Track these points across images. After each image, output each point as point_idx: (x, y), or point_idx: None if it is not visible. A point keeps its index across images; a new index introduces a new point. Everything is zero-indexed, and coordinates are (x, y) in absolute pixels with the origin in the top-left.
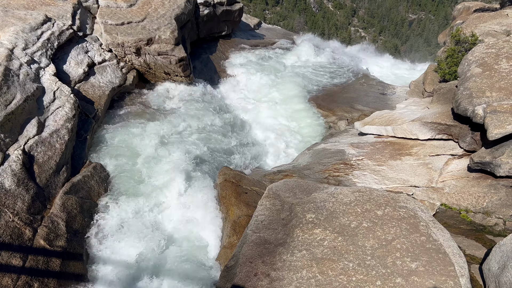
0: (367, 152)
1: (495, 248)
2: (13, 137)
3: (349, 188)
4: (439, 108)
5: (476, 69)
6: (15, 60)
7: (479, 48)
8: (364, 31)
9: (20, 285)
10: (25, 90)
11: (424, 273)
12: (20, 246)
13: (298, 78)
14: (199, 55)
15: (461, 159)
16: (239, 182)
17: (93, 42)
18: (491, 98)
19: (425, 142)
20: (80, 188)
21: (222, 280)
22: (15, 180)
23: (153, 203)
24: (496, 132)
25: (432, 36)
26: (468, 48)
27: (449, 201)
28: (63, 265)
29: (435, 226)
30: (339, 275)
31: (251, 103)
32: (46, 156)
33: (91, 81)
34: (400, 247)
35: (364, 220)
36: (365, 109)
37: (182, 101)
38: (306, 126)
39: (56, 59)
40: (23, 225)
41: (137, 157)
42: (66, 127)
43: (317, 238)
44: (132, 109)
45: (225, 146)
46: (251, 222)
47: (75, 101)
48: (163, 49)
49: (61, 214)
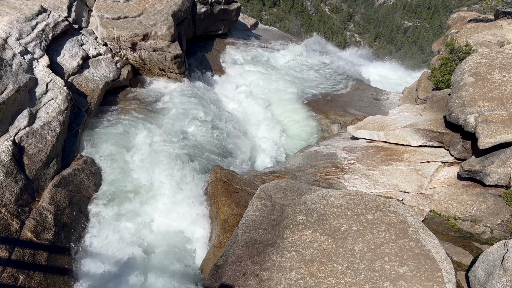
0: (358, 156)
1: (482, 256)
2: (3, 127)
3: (340, 191)
4: (432, 116)
5: (469, 78)
6: (8, 50)
7: (473, 57)
8: (359, 36)
9: (5, 277)
10: (17, 80)
11: (412, 278)
12: (6, 238)
13: (293, 79)
14: (194, 53)
15: (451, 167)
16: (231, 181)
17: (88, 35)
18: (483, 108)
19: (417, 148)
20: (70, 182)
21: (210, 279)
22: (4, 171)
23: (143, 200)
24: (487, 141)
25: (427, 44)
26: (462, 57)
27: (438, 207)
28: (50, 259)
29: (424, 232)
30: (327, 277)
31: (245, 102)
32: (36, 148)
33: (85, 74)
34: (389, 252)
35: (354, 224)
36: (358, 113)
37: (176, 98)
38: (298, 128)
39: (50, 51)
40: (10, 216)
41: (129, 152)
42: (58, 119)
43: (307, 239)
44: (125, 104)
45: (217, 144)
46: (241, 221)
47: (68, 94)
48: (159, 45)
49: (50, 207)
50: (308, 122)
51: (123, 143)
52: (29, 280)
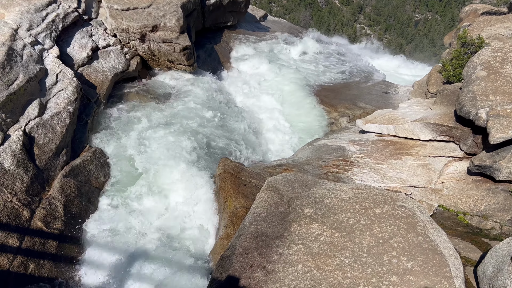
0: (367, 150)
1: (491, 252)
2: (14, 117)
3: (348, 185)
4: (442, 110)
5: (481, 72)
6: (19, 41)
7: (485, 51)
8: (369, 28)
9: (16, 265)
10: (28, 71)
11: (420, 273)
12: (17, 226)
13: (302, 72)
14: (203, 45)
15: (461, 162)
16: (238, 173)
17: (98, 26)
18: (495, 102)
19: (426, 143)
20: (79, 172)
21: (217, 270)
22: (15, 161)
23: (152, 190)
24: (498, 136)
25: (438, 37)
26: (474, 50)
27: (447, 202)
28: (59, 248)
29: (433, 227)
30: (334, 270)
31: (253, 95)
32: (46, 138)
33: (94, 66)
34: (397, 246)
35: (362, 218)
36: (367, 107)
37: (184, 90)
38: (306, 121)
39: (60, 42)
40: (21, 206)
41: (138, 143)
42: (68, 110)
43: (314, 233)
44: (134, 95)
45: (225, 136)
46: (249, 214)
47: (78, 85)
48: (168, 36)
49: (59, 197)
50: (316, 115)
51: (131, 134)
52: (39, 268)
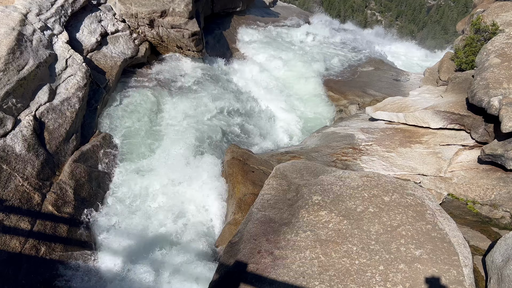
0: (376, 137)
1: (500, 241)
2: (24, 102)
3: (357, 173)
4: (453, 98)
5: (495, 59)
6: (28, 26)
7: (500, 38)
8: (380, 14)
9: (27, 247)
10: (37, 56)
11: (428, 261)
12: (28, 210)
13: (311, 58)
14: (212, 30)
15: (472, 150)
16: (247, 160)
17: (107, 12)
18: (509, 90)
19: (436, 131)
20: (89, 157)
21: (225, 255)
22: (26, 145)
23: (162, 177)
24: (510, 125)
25: (450, 24)
26: (487, 37)
27: (457, 191)
28: (70, 231)
29: (442, 215)
30: (342, 257)
31: (262, 81)
32: (56, 124)
33: (103, 51)
34: (405, 234)
35: (371, 205)
36: (377, 94)
37: (193, 76)
38: (316, 108)
39: (69, 27)
40: (32, 190)
41: (147, 129)
42: (77, 95)
43: (322, 220)
44: (143, 81)
45: (234, 123)
46: (257, 200)
47: (87, 70)
48: (177, 22)
49: (70, 181)
50: (325, 102)
51: (141, 120)
52: (50, 251)
